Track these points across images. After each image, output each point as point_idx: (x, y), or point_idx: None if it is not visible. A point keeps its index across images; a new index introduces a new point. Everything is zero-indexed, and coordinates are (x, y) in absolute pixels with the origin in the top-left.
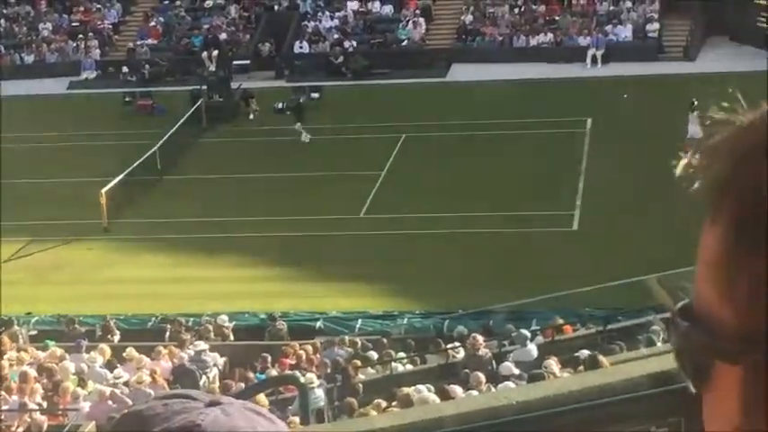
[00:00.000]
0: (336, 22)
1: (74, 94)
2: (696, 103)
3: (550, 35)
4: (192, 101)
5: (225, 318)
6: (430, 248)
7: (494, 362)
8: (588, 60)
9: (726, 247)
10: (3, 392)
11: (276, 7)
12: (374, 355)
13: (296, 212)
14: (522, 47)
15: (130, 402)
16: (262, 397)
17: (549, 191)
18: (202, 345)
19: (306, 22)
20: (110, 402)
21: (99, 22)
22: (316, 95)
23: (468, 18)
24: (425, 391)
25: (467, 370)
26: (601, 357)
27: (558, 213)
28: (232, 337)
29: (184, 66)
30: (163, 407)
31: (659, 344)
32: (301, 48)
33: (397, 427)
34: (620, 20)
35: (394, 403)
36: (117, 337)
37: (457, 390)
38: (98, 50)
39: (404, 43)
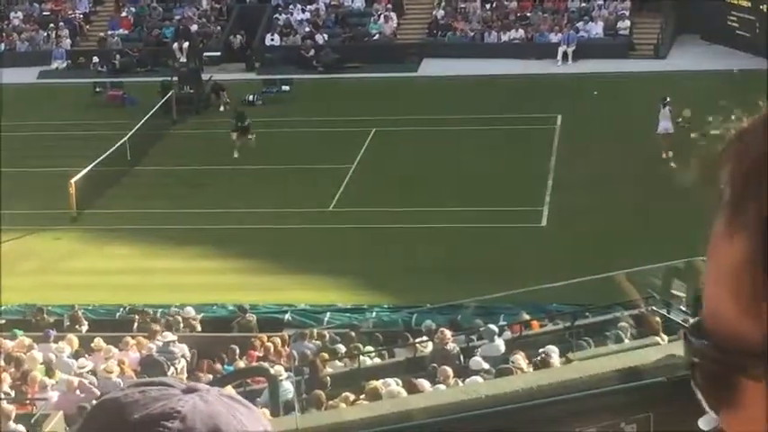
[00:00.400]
0: (308, 15)
1: (44, 84)
2: (668, 99)
3: (521, 31)
4: (162, 92)
5: (192, 309)
6: (399, 242)
7: (461, 356)
8: (559, 57)
9: (750, 258)
10: None
11: (248, 0)
12: (342, 348)
13: (265, 205)
14: (494, 43)
15: (98, 392)
16: (229, 388)
17: (519, 187)
18: (170, 336)
19: (277, 15)
20: (78, 392)
21: (70, 12)
22: (286, 88)
23: (440, 13)
24: (394, 385)
25: (434, 364)
26: (554, 355)
27: (526, 209)
28: (200, 329)
29: (155, 57)
30: (140, 394)
31: (627, 340)
32: (272, 40)
33: (366, 419)
34: (591, 17)
35: (362, 396)
36: (85, 328)
37: (424, 384)
38: (69, 40)
39: (375, 37)
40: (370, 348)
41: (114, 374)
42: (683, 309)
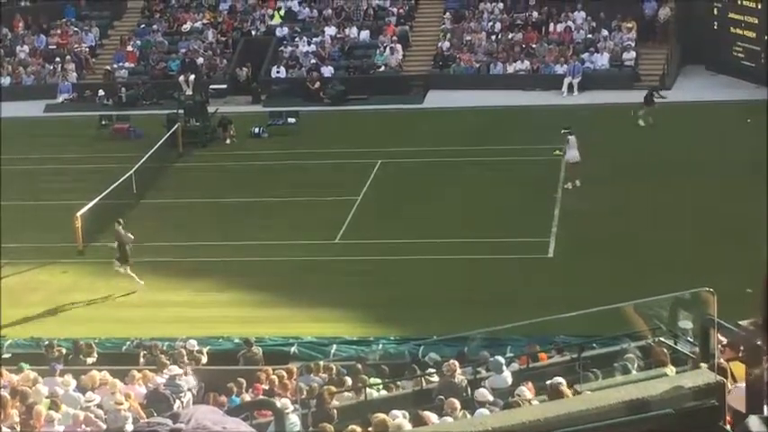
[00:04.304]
0: (313, 47)
1: (50, 117)
2: (571, 128)
3: (527, 63)
4: (168, 125)
5: (196, 342)
6: (405, 274)
7: (468, 388)
8: (564, 88)
9: None
10: None
11: (253, 32)
12: (348, 380)
13: (271, 237)
14: (499, 74)
15: (104, 426)
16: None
17: (525, 218)
18: (177, 369)
19: (282, 48)
20: (84, 426)
21: (76, 46)
22: (292, 120)
23: (445, 45)
24: (401, 417)
25: (441, 396)
26: (563, 387)
27: (533, 240)
28: (204, 360)
29: (161, 90)
30: None
31: (634, 372)
32: (278, 73)
33: None
34: (596, 48)
35: (369, 429)
36: (92, 360)
37: (431, 416)
38: (75, 74)
39: (381, 69)
40: (376, 380)
41: (124, 407)
42: (690, 340)
